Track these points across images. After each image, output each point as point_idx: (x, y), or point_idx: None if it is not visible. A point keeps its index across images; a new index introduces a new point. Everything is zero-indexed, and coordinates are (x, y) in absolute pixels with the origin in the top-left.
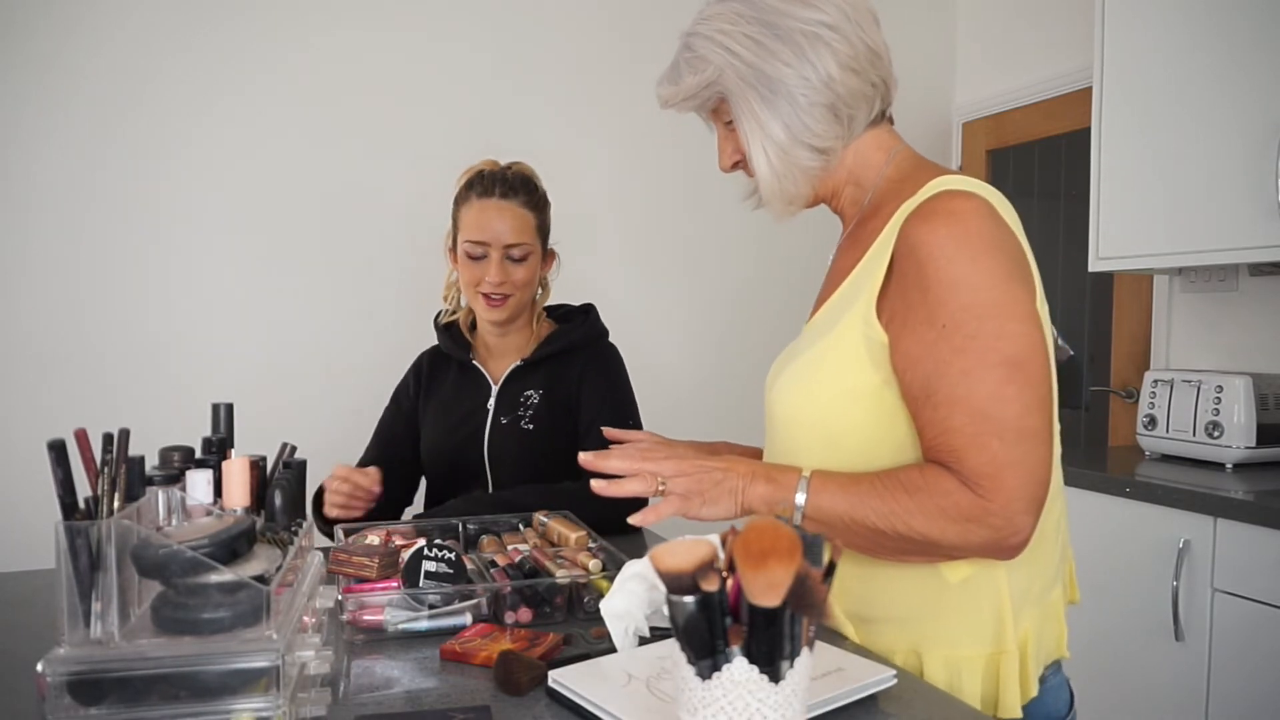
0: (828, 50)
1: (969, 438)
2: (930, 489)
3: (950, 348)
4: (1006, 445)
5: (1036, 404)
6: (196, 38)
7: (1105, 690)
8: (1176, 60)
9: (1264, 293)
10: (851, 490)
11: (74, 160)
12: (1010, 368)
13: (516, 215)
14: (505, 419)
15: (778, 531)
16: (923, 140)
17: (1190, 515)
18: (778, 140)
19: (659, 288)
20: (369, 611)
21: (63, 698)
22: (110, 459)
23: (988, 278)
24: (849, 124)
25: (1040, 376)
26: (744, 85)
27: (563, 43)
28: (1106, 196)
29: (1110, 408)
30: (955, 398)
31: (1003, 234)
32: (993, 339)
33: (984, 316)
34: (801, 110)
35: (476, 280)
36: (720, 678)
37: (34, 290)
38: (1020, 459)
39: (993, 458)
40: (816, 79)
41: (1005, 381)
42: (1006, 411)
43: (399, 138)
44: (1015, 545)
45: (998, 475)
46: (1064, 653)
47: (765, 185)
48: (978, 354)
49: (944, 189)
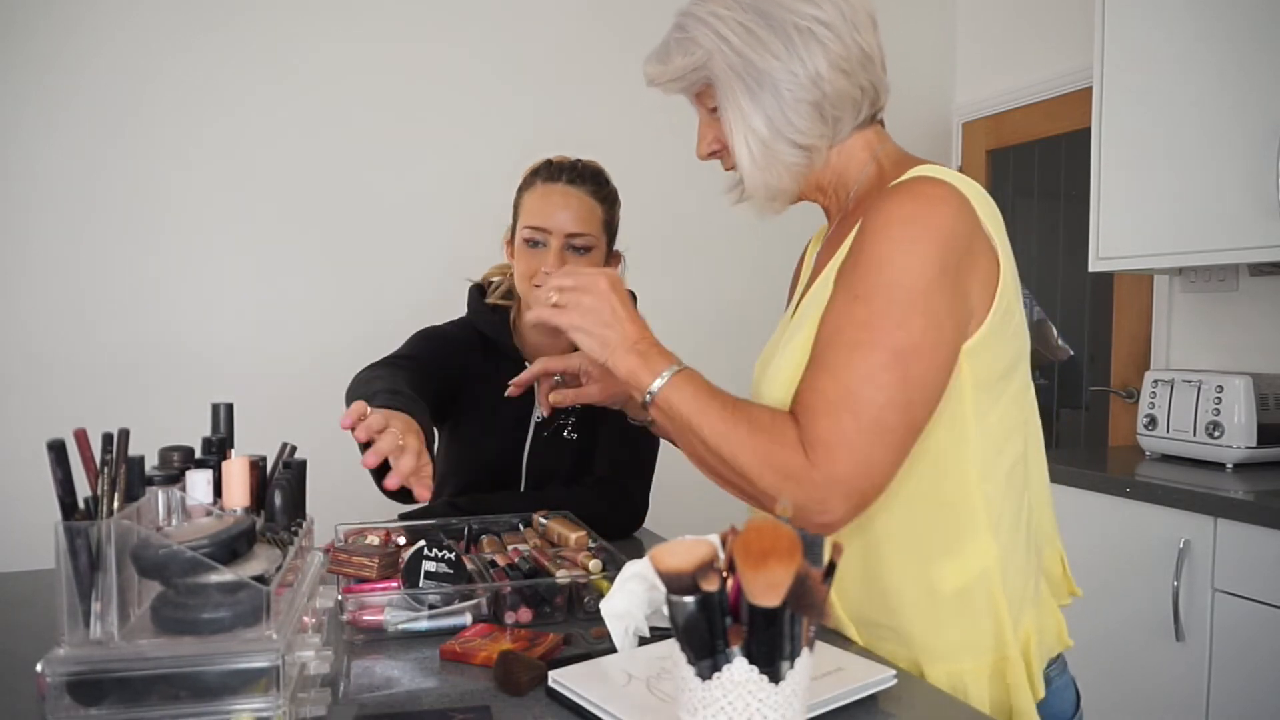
0: (819, 47)
1: (826, 403)
2: (770, 433)
3: (852, 319)
4: (857, 427)
5: (902, 404)
6: (198, 38)
7: (1106, 690)
8: (1176, 60)
9: (1264, 293)
10: (703, 399)
11: (74, 160)
12: (895, 357)
13: (583, 204)
14: (547, 431)
15: (778, 531)
16: (923, 140)
17: (1191, 515)
18: (760, 133)
19: (663, 279)
20: (369, 611)
21: (63, 698)
22: (110, 459)
23: (917, 264)
24: (834, 124)
25: (920, 381)
26: (731, 74)
27: (562, 41)
28: (1106, 196)
29: (1110, 408)
30: (835, 364)
31: (960, 227)
32: (892, 324)
33: (893, 300)
34: (786, 105)
35: (532, 271)
36: (720, 678)
37: (34, 290)
38: (862, 446)
39: (839, 431)
40: (804, 75)
41: (883, 368)
42: (872, 397)
43: (401, 138)
44: (823, 524)
45: (833, 449)
46: (1066, 642)
47: (747, 177)
48: (872, 332)
49: (919, 174)
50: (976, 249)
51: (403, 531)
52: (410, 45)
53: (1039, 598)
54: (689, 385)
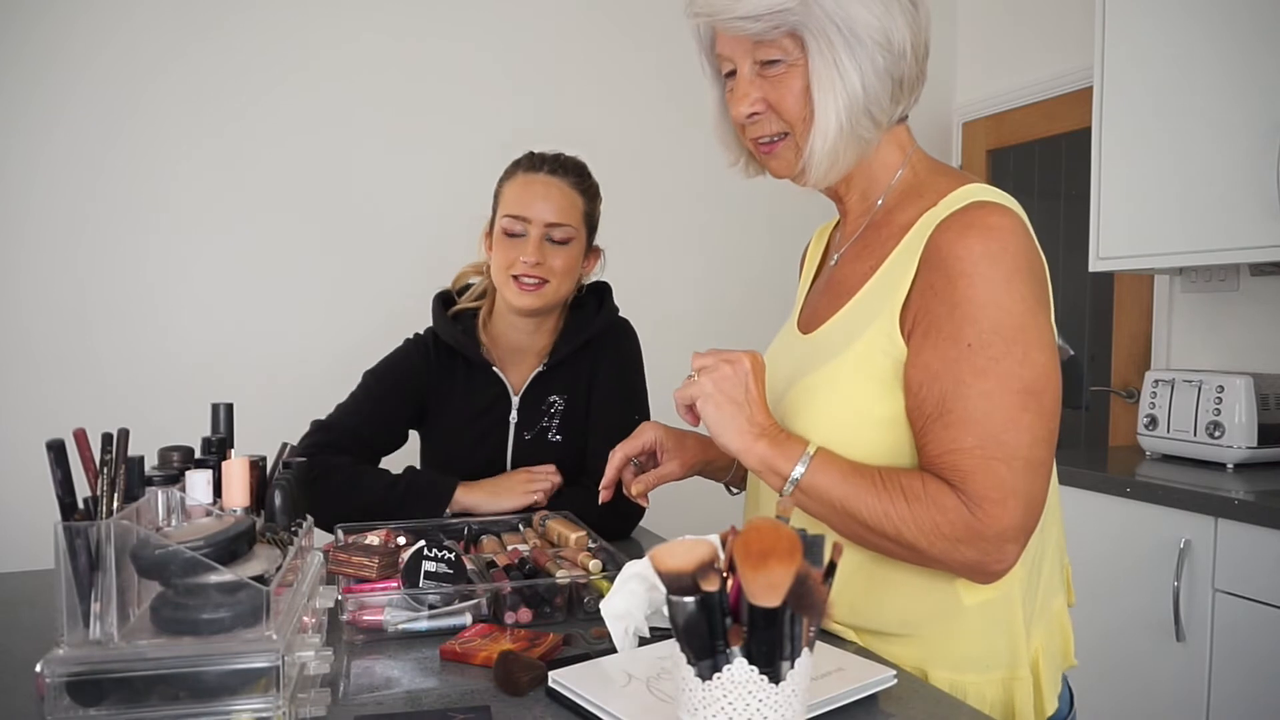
0: (905, 21)
1: (978, 460)
2: (929, 502)
3: (972, 368)
4: (1014, 473)
5: (1046, 436)
6: (197, 38)
7: (1106, 690)
8: (1177, 60)
9: (1264, 293)
10: (851, 479)
11: (73, 160)
12: (1028, 396)
13: (564, 194)
14: (529, 433)
15: (778, 532)
16: (922, 140)
17: (1191, 515)
18: (855, 94)
19: (674, 274)
20: (369, 611)
21: (62, 698)
22: (109, 459)
23: (1019, 301)
24: (895, 109)
25: (1053, 409)
26: (830, 24)
27: (563, 38)
28: (1106, 196)
29: (1111, 408)
30: (971, 418)
31: (1034, 254)
32: (1016, 365)
33: (1011, 341)
34: (880, 73)
35: (510, 261)
36: (720, 678)
37: (34, 290)
38: (1024, 489)
39: (1000, 483)
40: (897, 46)
41: (1022, 409)
42: (1019, 440)
43: (403, 139)
44: (997, 572)
45: (1001, 501)
46: (1071, 661)
47: (821, 141)
48: (999, 378)
49: (976, 200)
50: (1044, 270)
51: (402, 531)
52: (408, 46)
53: (1050, 612)
54: (833, 468)
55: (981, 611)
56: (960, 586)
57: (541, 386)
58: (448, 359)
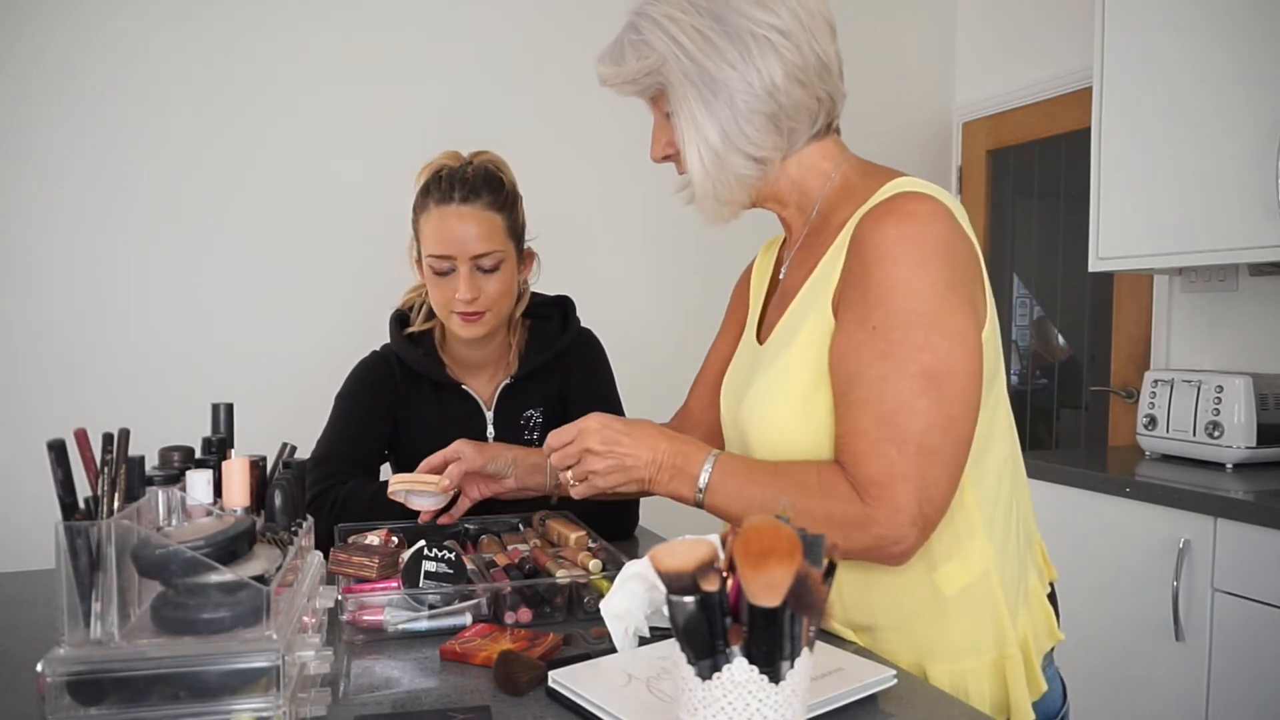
0: (776, 57)
1: (870, 443)
2: (823, 491)
3: (874, 351)
4: (904, 457)
5: (944, 422)
6: (185, 37)
7: (1105, 690)
8: (1176, 60)
9: (1264, 293)
10: (749, 481)
11: (73, 161)
12: (926, 381)
13: (481, 220)
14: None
15: (778, 532)
16: (922, 140)
17: (1190, 515)
18: (713, 144)
19: (651, 279)
20: (369, 611)
21: (63, 698)
22: (110, 459)
23: (928, 285)
24: (789, 136)
25: (956, 395)
26: (685, 81)
27: (548, 34)
28: (1106, 196)
29: (1110, 408)
30: (867, 400)
31: (956, 240)
32: (916, 349)
33: (913, 325)
34: (741, 116)
35: (447, 299)
36: (720, 678)
37: (33, 290)
38: (915, 473)
39: (888, 466)
40: (760, 86)
41: (918, 394)
42: (912, 424)
43: (400, 139)
44: (898, 554)
45: (888, 485)
46: (1058, 636)
47: (698, 186)
48: (898, 361)
49: (901, 190)
50: (970, 256)
51: (402, 532)
52: (400, 41)
53: (1029, 593)
54: (729, 480)
55: (963, 599)
56: (938, 578)
57: (513, 399)
58: (414, 380)
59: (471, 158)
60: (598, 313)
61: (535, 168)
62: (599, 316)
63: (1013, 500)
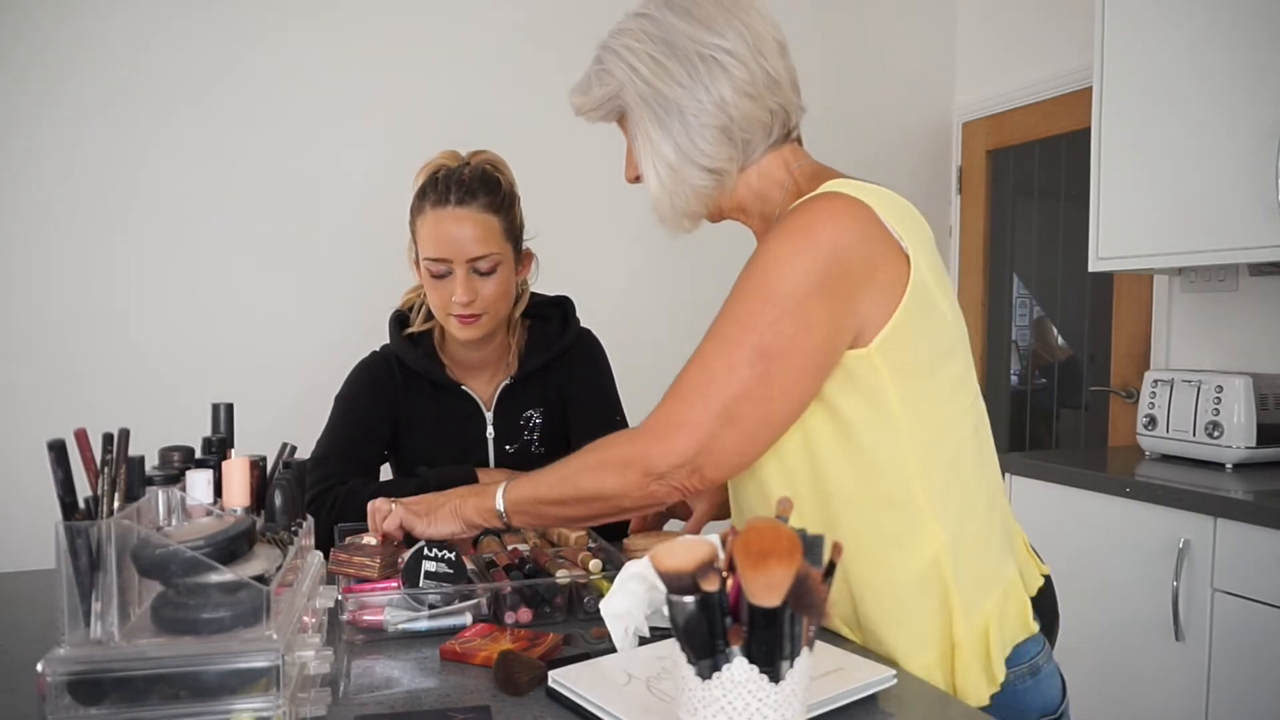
0: (724, 75)
1: (684, 388)
2: (601, 445)
3: (729, 314)
4: (705, 411)
5: (760, 398)
6: (185, 37)
7: (1105, 690)
8: (1176, 60)
9: (1264, 293)
10: (537, 475)
11: (71, 160)
12: (759, 354)
13: (478, 223)
14: (511, 446)
15: (778, 532)
16: (922, 140)
17: (1190, 515)
18: (667, 159)
19: (651, 279)
20: (369, 611)
21: (63, 698)
22: (110, 459)
23: (798, 274)
24: (743, 147)
25: (782, 380)
26: (641, 103)
27: (549, 33)
28: (1106, 196)
29: (1110, 408)
30: (703, 353)
31: (852, 239)
32: (763, 324)
33: (769, 302)
34: (693, 130)
35: (444, 302)
36: (720, 678)
37: (33, 290)
38: (706, 427)
39: (685, 409)
40: (709, 101)
41: (746, 363)
42: (728, 387)
43: (404, 138)
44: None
45: (676, 428)
46: (1032, 628)
47: (655, 201)
48: (743, 329)
49: (826, 189)
50: (876, 256)
51: None
52: (403, 47)
53: (1004, 579)
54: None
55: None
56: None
57: (513, 399)
58: (414, 381)
59: (469, 158)
60: (597, 313)
61: (535, 167)
62: (599, 317)
63: (976, 487)
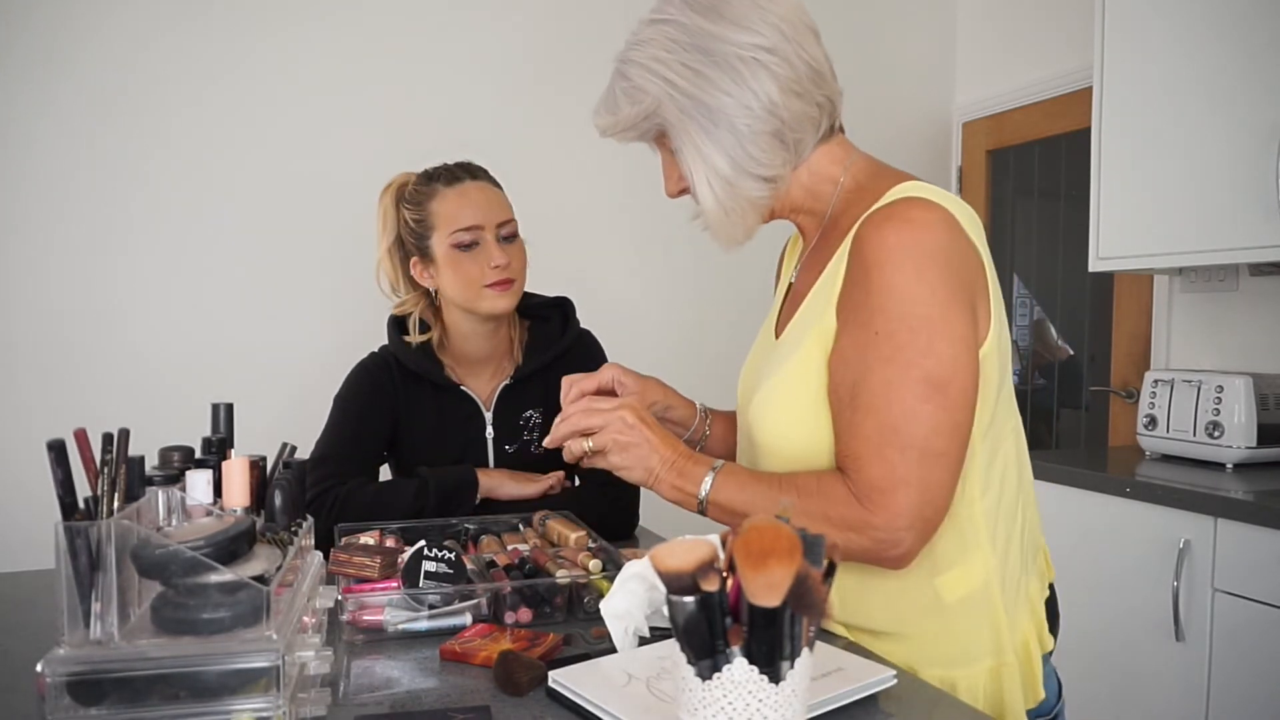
0: (768, 74)
1: (873, 448)
2: (821, 494)
3: (878, 355)
4: (906, 462)
5: (949, 428)
6: (185, 38)
7: (1105, 690)
8: (1176, 60)
9: (1264, 293)
10: (750, 487)
11: (71, 160)
12: (929, 386)
13: (495, 193)
14: (510, 446)
15: (778, 532)
16: (922, 140)
17: (1190, 515)
18: (723, 173)
19: (650, 280)
20: (369, 611)
21: (63, 698)
22: (110, 459)
23: (928, 292)
24: (795, 148)
25: (958, 401)
26: (684, 116)
27: (548, 37)
28: (1106, 196)
29: (1110, 408)
30: (872, 406)
31: (957, 248)
32: (919, 355)
33: (916, 330)
34: (745, 140)
35: (478, 274)
36: (720, 678)
37: (32, 290)
38: (917, 478)
39: (889, 472)
40: (759, 106)
41: (922, 399)
42: (915, 429)
43: (404, 140)
44: (895, 558)
45: (889, 491)
46: (1048, 644)
47: (711, 216)
48: (901, 366)
49: (905, 195)
50: (973, 264)
51: (402, 532)
52: (402, 50)
53: (1029, 599)
54: (731, 480)
55: (963, 607)
56: (940, 585)
57: (512, 400)
58: (413, 382)
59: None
60: (597, 314)
61: (535, 168)
62: (598, 317)
63: (1017, 506)
